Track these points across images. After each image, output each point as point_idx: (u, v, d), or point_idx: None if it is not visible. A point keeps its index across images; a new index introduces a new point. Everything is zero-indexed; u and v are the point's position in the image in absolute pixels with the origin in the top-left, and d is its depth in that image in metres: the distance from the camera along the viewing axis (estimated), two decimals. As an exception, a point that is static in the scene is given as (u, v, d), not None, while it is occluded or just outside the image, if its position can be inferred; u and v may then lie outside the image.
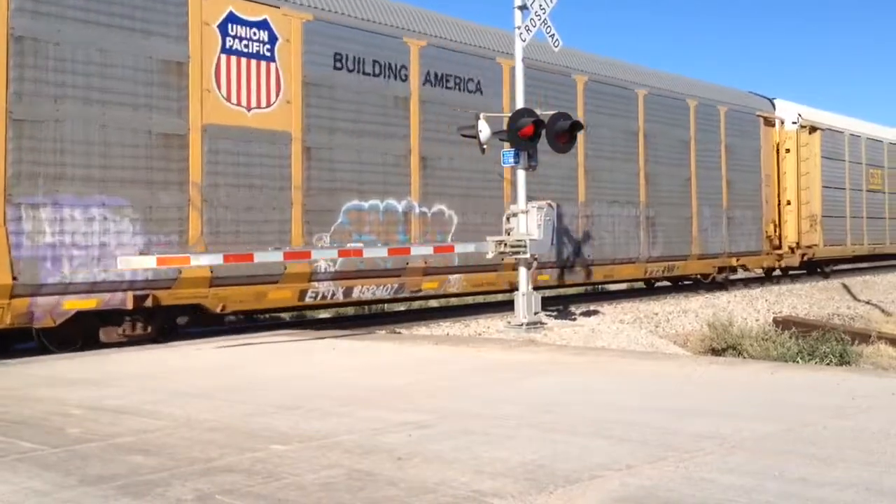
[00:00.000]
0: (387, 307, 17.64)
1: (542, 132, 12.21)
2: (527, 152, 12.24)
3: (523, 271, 12.23)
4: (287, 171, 12.26)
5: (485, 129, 12.42)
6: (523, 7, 12.29)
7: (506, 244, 12.15)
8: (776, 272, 24.37)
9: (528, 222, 12.19)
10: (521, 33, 12.32)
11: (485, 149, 12.64)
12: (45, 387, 7.39)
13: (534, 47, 16.09)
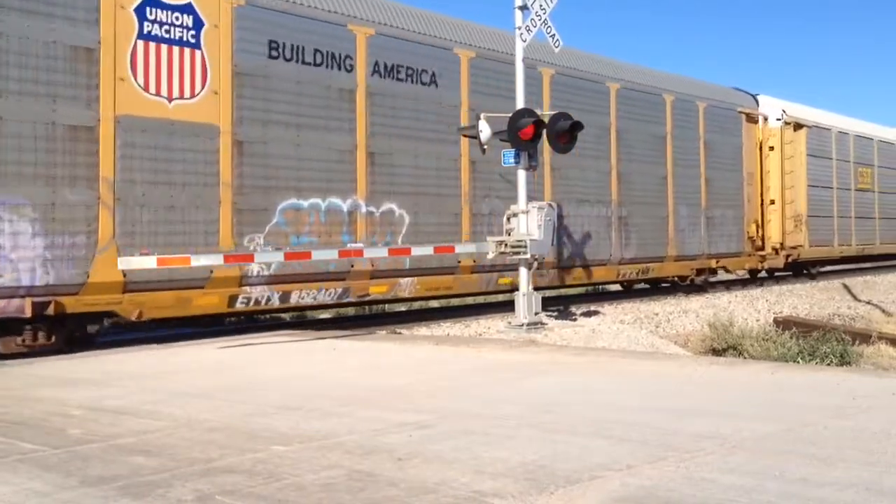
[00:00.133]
0: (387, 307, 17.63)
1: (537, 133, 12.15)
2: (527, 152, 12.23)
3: (523, 271, 12.23)
4: (215, 167, 11.36)
5: (485, 130, 12.42)
6: (524, 7, 12.29)
7: (506, 244, 12.16)
8: (762, 273, 23.63)
9: (529, 222, 12.20)
10: (521, 33, 12.32)
11: (485, 149, 12.64)
12: (46, 387, 7.40)
13: (497, 39, 15.54)
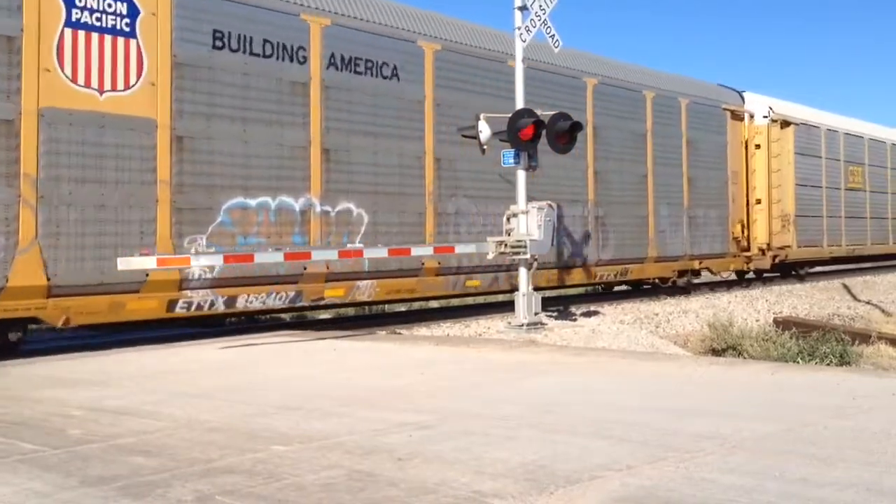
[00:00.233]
0: (387, 308, 17.61)
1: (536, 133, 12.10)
2: (527, 153, 12.23)
3: (523, 272, 12.23)
4: (151, 164, 10.67)
5: (485, 130, 12.42)
6: (523, 8, 12.29)
7: (506, 244, 12.16)
8: (749, 274, 22.93)
9: (529, 223, 12.20)
10: (521, 34, 12.32)
11: (485, 149, 12.64)
12: (46, 387, 7.40)
13: (465, 31, 14.82)
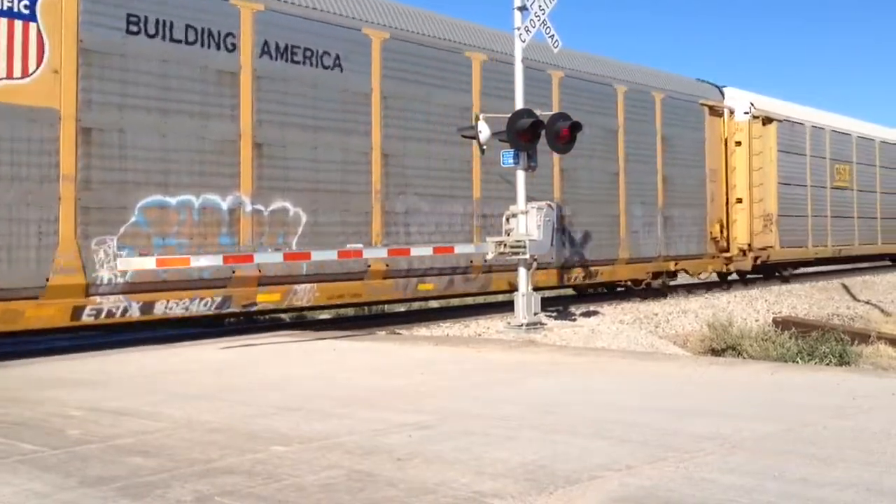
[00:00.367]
0: (387, 308, 17.61)
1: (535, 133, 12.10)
2: (526, 153, 12.23)
3: (523, 272, 12.23)
4: (53, 159, 9.87)
5: (484, 130, 12.41)
6: (523, 8, 12.29)
7: (505, 245, 12.16)
8: (733, 276, 22.11)
9: (528, 223, 12.19)
10: (520, 34, 12.32)
11: (485, 149, 12.64)
12: (46, 388, 7.39)
13: (416, 19, 14.11)
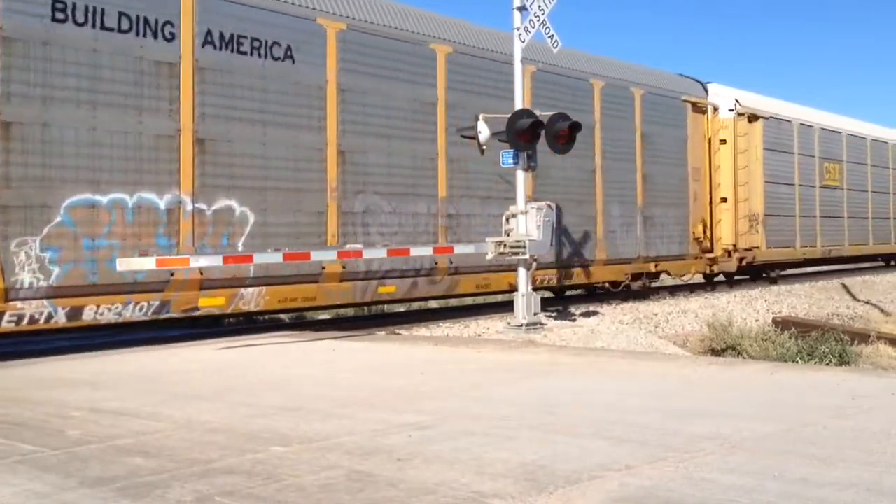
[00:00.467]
0: (386, 308, 17.60)
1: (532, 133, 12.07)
2: (526, 153, 12.22)
3: (522, 272, 12.23)
4: None
5: (484, 130, 12.40)
6: (522, 8, 12.28)
7: (505, 245, 12.16)
8: (719, 277, 21.57)
9: (528, 223, 12.19)
10: (520, 34, 12.32)
11: (484, 150, 12.63)
12: (46, 388, 7.39)
13: (376, 9, 13.69)
